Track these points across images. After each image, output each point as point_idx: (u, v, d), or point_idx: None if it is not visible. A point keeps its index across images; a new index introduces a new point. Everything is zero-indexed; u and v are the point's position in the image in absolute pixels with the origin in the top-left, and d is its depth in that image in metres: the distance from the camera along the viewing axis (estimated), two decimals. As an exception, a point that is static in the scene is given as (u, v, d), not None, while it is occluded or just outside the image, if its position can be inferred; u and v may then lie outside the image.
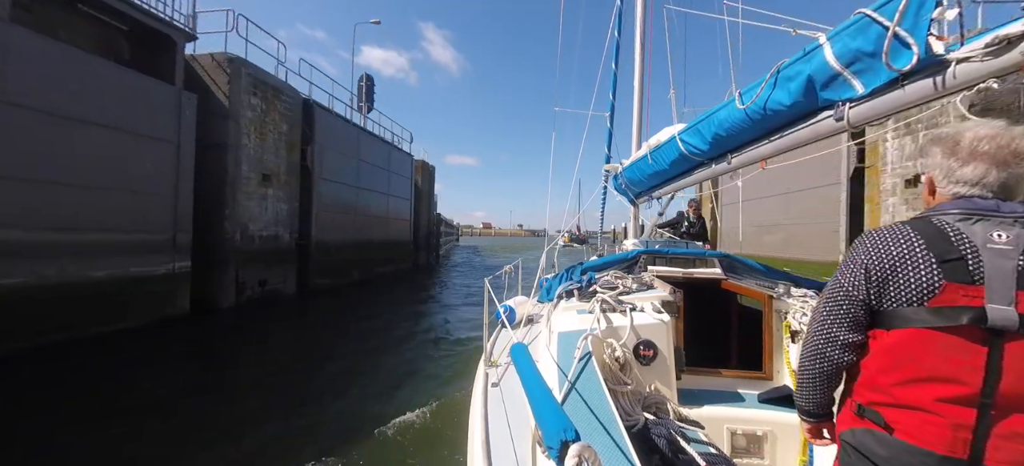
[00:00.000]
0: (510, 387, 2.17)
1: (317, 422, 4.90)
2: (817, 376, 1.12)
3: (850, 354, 1.06)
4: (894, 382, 0.97)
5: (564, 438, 0.95)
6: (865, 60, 1.56)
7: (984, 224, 0.94)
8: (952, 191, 1.02)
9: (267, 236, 11.85)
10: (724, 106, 2.47)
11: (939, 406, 0.91)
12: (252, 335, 9.35)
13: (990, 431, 0.88)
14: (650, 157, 3.73)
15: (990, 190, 0.97)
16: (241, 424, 4.86)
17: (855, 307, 1.03)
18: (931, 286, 0.93)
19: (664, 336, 2.24)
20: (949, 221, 0.97)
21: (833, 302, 1.07)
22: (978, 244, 0.93)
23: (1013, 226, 0.92)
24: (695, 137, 2.88)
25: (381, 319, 10.99)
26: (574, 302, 2.83)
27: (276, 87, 12.11)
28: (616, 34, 6.54)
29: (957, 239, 0.94)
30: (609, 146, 6.19)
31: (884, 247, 1.00)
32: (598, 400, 1.53)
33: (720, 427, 2.23)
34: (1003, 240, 0.91)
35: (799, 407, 1.21)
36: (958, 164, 1.00)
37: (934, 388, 0.92)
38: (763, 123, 2.18)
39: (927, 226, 0.98)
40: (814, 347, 1.10)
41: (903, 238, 0.98)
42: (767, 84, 2.04)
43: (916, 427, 0.93)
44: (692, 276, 3.47)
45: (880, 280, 0.99)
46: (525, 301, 4.33)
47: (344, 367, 7.07)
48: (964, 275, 0.92)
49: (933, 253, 0.94)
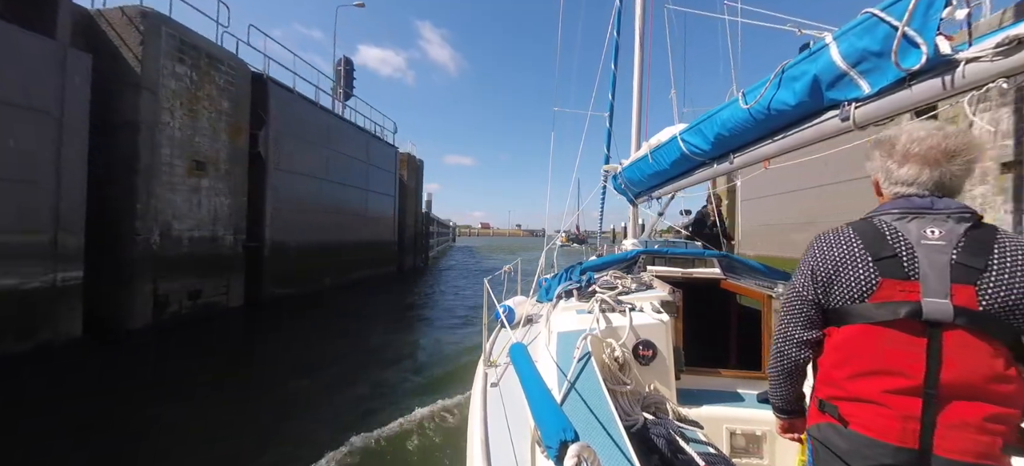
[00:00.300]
0: (509, 387, 2.17)
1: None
2: (781, 373, 1.20)
3: (807, 350, 1.13)
4: (846, 376, 1.02)
5: (563, 438, 0.96)
6: (872, 60, 1.55)
7: (919, 221, 1.00)
8: (893, 191, 1.08)
9: (200, 237, 9.46)
10: (727, 106, 2.47)
11: (887, 398, 0.96)
12: (153, 366, 6.80)
13: (936, 420, 0.92)
14: (651, 157, 3.73)
15: (925, 188, 1.03)
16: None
17: (807, 306, 1.11)
18: (869, 283, 1.00)
19: (663, 336, 2.24)
20: (887, 221, 1.04)
21: (789, 303, 1.16)
22: (913, 241, 0.98)
23: (946, 222, 0.98)
24: (697, 137, 2.88)
25: (339, 341, 8.86)
26: (573, 302, 2.84)
27: (213, 55, 9.70)
28: (615, 34, 6.54)
29: (892, 238, 1.00)
30: (608, 146, 6.19)
31: (827, 249, 1.08)
32: (597, 400, 1.53)
33: (719, 427, 2.23)
34: (936, 236, 0.97)
35: (772, 405, 1.29)
36: (895, 165, 1.07)
37: (881, 380, 0.97)
38: (767, 123, 2.18)
39: (867, 227, 1.05)
40: (776, 346, 1.20)
41: (844, 240, 1.06)
42: (771, 84, 2.04)
43: (869, 419, 0.98)
44: (691, 276, 3.48)
45: (826, 280, 1.07)
46: (524, 301, 4.33)
47: (273, 404, 5.24)
48: (899, 271, 0.97)
49: (870, 252, 1.01)
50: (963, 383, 0.92)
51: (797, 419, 1.26)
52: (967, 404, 0.91)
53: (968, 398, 0.91)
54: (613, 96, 6.48)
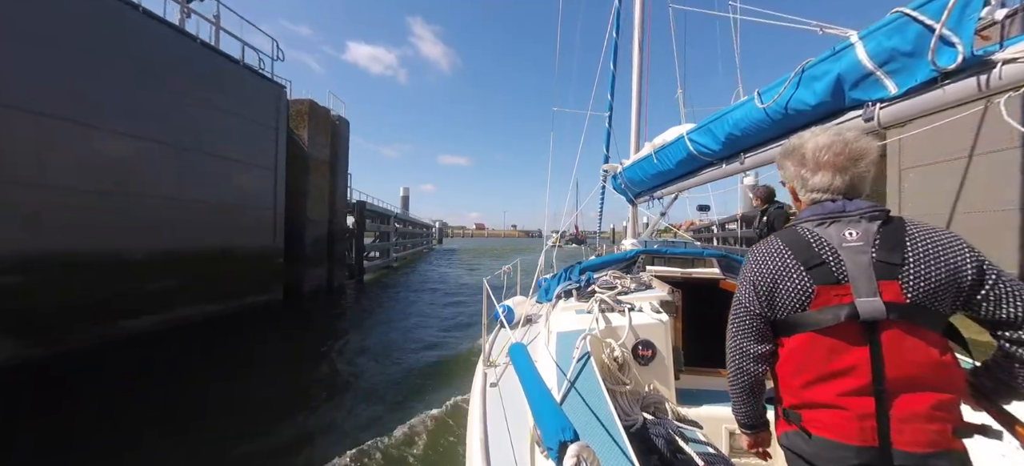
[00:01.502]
0: (509, 387, 2.16)
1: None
2: (743, 390, 1.20)
3: (762, 364, 1.14)
4: (803, 384, 1.03)
5: (563, 438, 0.96)
6: (901, 59, 1.54)
7: (837, 225, 1.03)
8: (809, 198, 1.11)
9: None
10: (741, 105, 2.45)
11: (842, 400, 0.97)
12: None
13: (889, 416, 0.94)
14: (655, 157, 3.72)
15: (839, 193, 1.07)
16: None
17: (755, 320, 1.12)
18: (806, 292, 1.02)
19: (663, 336, 2.24)
20: (809, 228, 1.06)
21: (738, 318, 1.16)
22: (835, 245, 1.01)
23: (860, 222, 1.01)
24: (706, 137, 2.87)
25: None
26: (573, 302, 2.82)
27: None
28: (615, 34, 6.54)
29: (817, 244, 1.03)
30: (607, 146, 6.18)
31: (763, 263, 1.09)
32: (597, 400, 1.53)
33: (719, 427, 2.22)
34: (854, 237, 1.00)
35: (738, 421, 1.28)
36: (809, 174, 1.10)
37: (834, 384, 0.99)
38: (784, 123, 2.16)
39: (793, 236, 1.08)
40: (734, 363, 1.19)
41: (776, 252, 1.08)
42: (790, 83, 2.02)
43: (829, 423, 0.99)
44: (690, 276, 3.47)
45: (768, 293, 1.08)
46: (524, 301, 4.29)
47: None
48: (830, 277, 1.00)
49: (801, 262, 1.03)
50: (906, 376, 0.94)
51: (762, 433, 1.27)
52: (914, 396, 0.94)
53: (914, 390, 0.94)
54: (612, 96, 6.48)
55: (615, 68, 6.46)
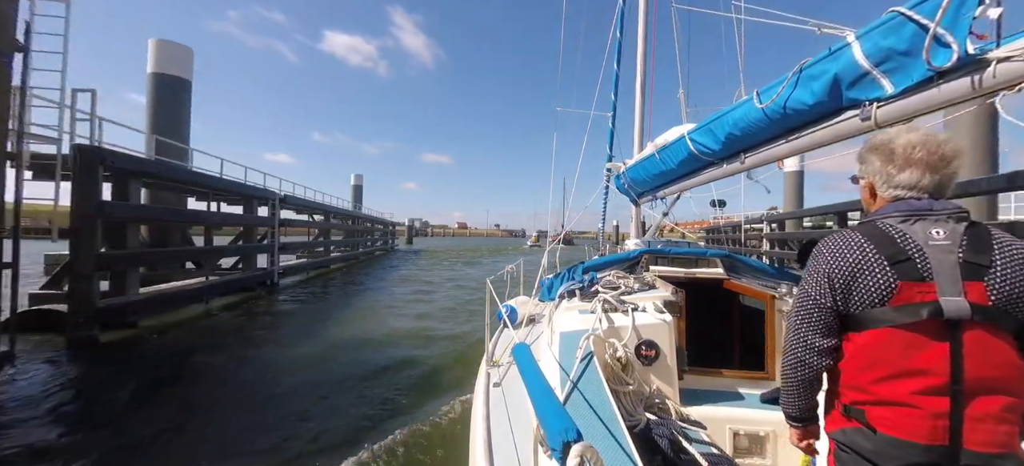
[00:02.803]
0: (512, 387, 2.17)
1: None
2: (801, 382, 1.19)
3: (827, 358, 1.13)
4: (872, 380, 1.03)
5: (566, 438, 0.96)
6: (897, 59, 1.54)
7: (923, 223, 1.03)
8: (892, 194, 1.11)
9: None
10: (740, 105, 2.45)
11: (915, 398, 0.97)
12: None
13: (964, 415, 0.94)
14: (658, 156, 3.72)
15: (925, 192, 1.07)
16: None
17: (825, 314, 1.11)
18: (888, 287, 1.01)
19: (666, 336, 2.25)
20: (892, 223, 1.06)
21: (804, 311, 1.15)
22: (921, 243, 1.01)
23: (947, 222, 1.02)
24: (707, 137, 2.86)
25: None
26: (576, 302, 2.84)
27: None
28: (618, 34, 6.53)
29: (902, 240, 1.03)
30: (610, 146, 6.18)
31: (842, 255, 1.08)
32: (600, 400, 1.53)
33: (722, 427, 2.22)
34: (941, 236, 1.00)
35: (786, 413, 1.27)
36: (896, 170, 1.10)
37: (908, 382, 0.98)
38: (782, 122, 2.16)
39: (874, 231, 1.07)
40: (794, 355, 1.17)
41: (856, 245, 1.07)
42: (788, 83, 2.02)
43: (898, 421, 0.99)
44: (694, 276, 3.47)
45: (844, 287, 1.07)
46: (527, 301, 4.31)
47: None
48: (915, 273, 1.00)
49: (884, 256, 1.02)
50: (985, 377, 0.95)
51: (812, 426, 1.26)
52: (990, 398, 0.95)
53: (990, 391, 0.95)
54: (615, 95, 6.47)
55: (619, 67, 6.46)
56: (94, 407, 5.18)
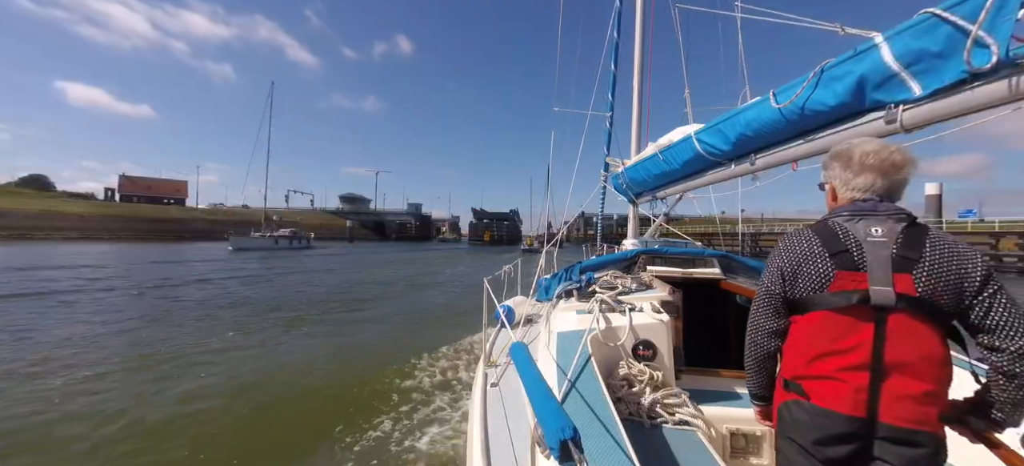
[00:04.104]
0: (509, 387, 2.18)
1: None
2: (756, 362, 1.35)
3: (777, 340, 1.29)
4: (810, 358, 1.16)
5: (563, 437, 0.98)
6: (928, 60, 1.53)
7: (866, 222, 1.16)
8: (849, 196, 1.24)
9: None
10: (754, 105, 2.44)
11: (842, 374, 1.10)
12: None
13: (881, 391, 1.07)
14: (660, 156, 3.70)
15: (878, 194, 1.19)
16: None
17: (775, 300, 1.27)
18: (827, 275, 1.15)
19: (663, 336, 2.25)
20: (840, 222, 1.20)
21: (759, 299, 1.32)
22: (860, 238, 1.14)
23: (887, 221, 1.14)
24: (715, 137, 2.85)
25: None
26: (573, 302, 2.83)
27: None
28: (615, 34, 6.53)
29: (844, 236, 1.17)
30: (608, 146, 6.17)
31: (792, 249, 1.24)
32: (597, 400, 1.55)
33: (719, 427, 2.22)
34: (879, 233, 1.13)
35: (751, 394, 1.43)
36: (852, 175, 1.23)
37: (838, 359, 1.11)
38: (800, 124, 2.15)
39: (823, 228, 1.22)
40: (750, 338, 1.35)
41: (805, 239, 1.23)
42: (809, 84, 2.01)
43: (827, 393, 1.12)
44: (691, 276, 3.48)
45: (791, 275, 1.22)
46: (524, 301, 4.27)
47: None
48: (850, 264, 1.13)
49: (826, 248, 1.17)
50: (903, 360, 1.06)
51: (771, 405, 1.37)
52: (907, 378, 1.05)
53: (907, 373, 1.05)
54: (612, 96, 6.47)
55: (616, 68, 6.46)
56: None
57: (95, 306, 10.61)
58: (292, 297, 13.31)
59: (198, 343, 7.36)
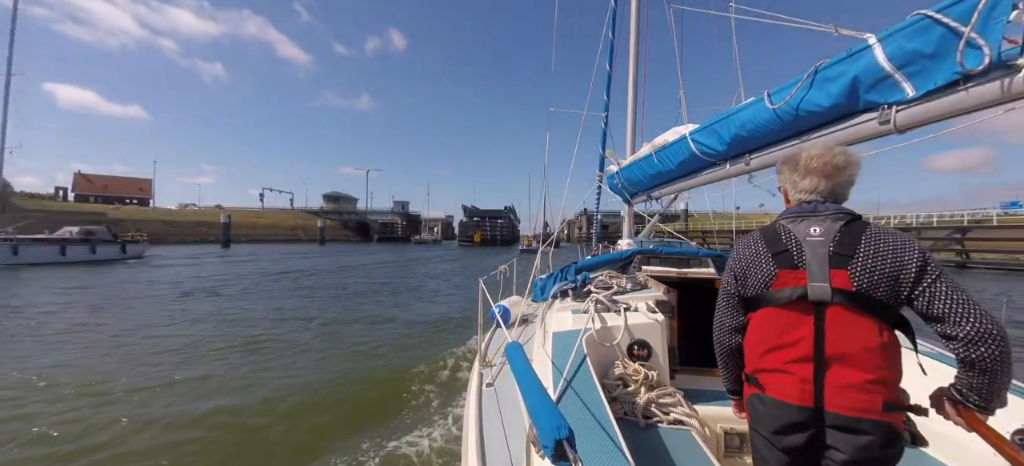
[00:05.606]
0: (504, 387, 2.17)
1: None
2: (722, 357, 1.43)
3: (737, 336, 1.37)
4: (762, 352, 1.23)
5: (558, 436, 0.99)
6: (921, 62, 1.54)
7: (806, 222, 1.23)
8: (797, 198, 1.30)
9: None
10: (749, 106, 2.45)
11: (789, 366, 1.16)
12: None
13: (825, 382, 1.12)
14: (655, 157, 3.71)
15: (822, 195, 1.25)
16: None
17: (732, 299, 1.37)
18: (770, 274, 1.22)
19: (658, 335, 2.26)
20: (784, 223, 1.26)
21: (720, 298, 1.41)
22: (800, 238, 1.21)
23: (825, 221, 1.20)
24: (710, 137, 2.86)
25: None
26: (569, 302, 2.83)
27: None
28: (610, 34, 6.53)
29: (786, 237, 1.24)
30: (603, 146, 6.17)
31: (741, 251, 1.33)
32: (593, 399, 1.56)
33: (713, 426, 2.23)
34: (817, 233, 1.19)
35: (726, 389, 1.51)
36: (799, 178, 1.29)
37: (785, 353, 1.18)
38: (794, 124, 2.16)
39: (769, 230, 1.30)
40: (715, 336, 1.43)
41: (752, 242, 1.31)
42: (803, 85, 2.02)
43: (778, 385, 1.18)
44: (686, 276, 3.49)
45: (742, 275, 1.31)
46: (519, 301, 4.26)
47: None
48: (790, 262, 1.20)
49: (769, 250, 1.25)
50: (844, 352, 1.11)
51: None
52: (848, 368, 1.10)
53: (849, 364, 1.10)
54: (608, 96, 6.47)
55: (611, 69, 6.46)
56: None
57: None
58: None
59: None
